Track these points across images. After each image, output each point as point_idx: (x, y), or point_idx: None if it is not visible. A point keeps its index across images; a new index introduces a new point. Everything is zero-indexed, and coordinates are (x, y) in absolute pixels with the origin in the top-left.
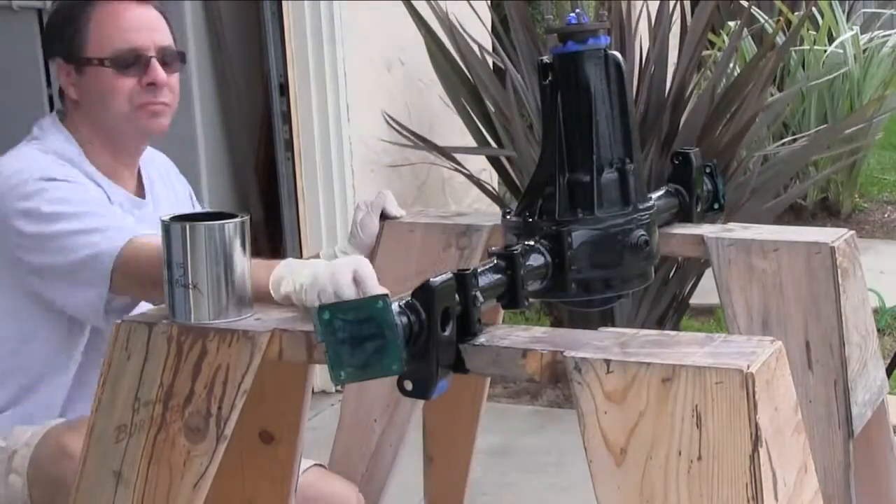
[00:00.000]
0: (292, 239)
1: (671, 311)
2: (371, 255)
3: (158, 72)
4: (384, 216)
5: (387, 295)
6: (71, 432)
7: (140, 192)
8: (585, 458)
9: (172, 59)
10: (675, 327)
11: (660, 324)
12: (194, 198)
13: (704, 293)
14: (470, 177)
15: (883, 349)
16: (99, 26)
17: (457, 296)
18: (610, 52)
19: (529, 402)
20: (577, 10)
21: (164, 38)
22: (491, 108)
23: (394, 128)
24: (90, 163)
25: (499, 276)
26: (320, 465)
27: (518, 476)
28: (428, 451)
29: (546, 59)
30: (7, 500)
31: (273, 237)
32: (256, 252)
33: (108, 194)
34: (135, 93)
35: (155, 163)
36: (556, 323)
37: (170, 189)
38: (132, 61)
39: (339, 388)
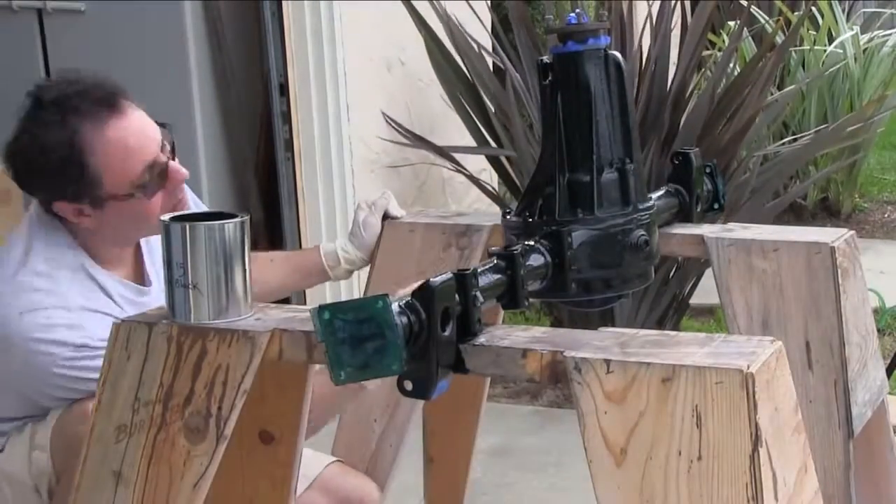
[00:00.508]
0: (292, 239)
1: (671, 311)
2: (372, 255)
3: (179, 171)
4: (385, 216)
5: (387, 295)
6: (92, 399)
7: (139, 273)
8: (585, 458)
9: (170, 142)
10: (675, 327)
11: (660, 324)
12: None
13: (704, 293)
14: (470, 177)
15: (883, 349)
16: (108, 157)
17: (457, 296)
18: (610, 52)
19: (529, 402)
20: (578, 10)
21: (155, 128)
22: (491, 107)
23: (394, 127)
24: (89, 258)
25: (499, 276)
26: (340, 461)
27: (518, 476)
28: (428, 451)
29: (546, 59)
30: (33, 478)
31: (273, 237)
32: (256, 252)
33: (109, 293)
34: (164, 202)
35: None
36: (556, 323)
37: None
38: (156, 179)
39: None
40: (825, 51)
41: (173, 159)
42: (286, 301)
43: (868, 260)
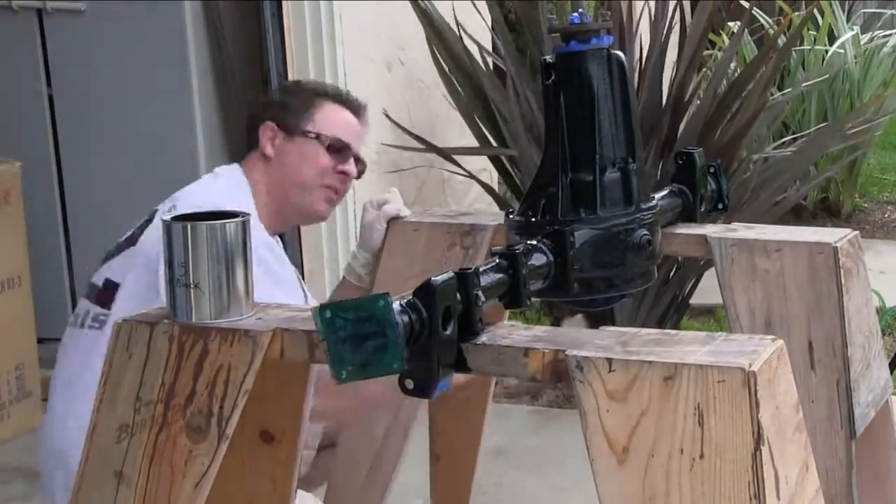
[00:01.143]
0: (292, 239)
1: (671, 311)
2: (376, 255)
3: (353, 166)
4: (391, 216)
5: (388, 294)
6: None
7: None
8: (587, 457)
9: (361, 167)
10: (676, 327)
11: (660, 324)
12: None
13: (704, 293)
14: (471, 177)
15: (884, 349)
16: (327, 115)
17: (458, 295)
18: (613, 51)
19: (529, 402)
20: (580, 10)
21: (359, 148)
22: (492, 107)
23: (396, 124)
24: (256, 212)
25: (501, 275)
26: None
27: (518, 476)
28: (434, 449)
29: (549, 58)
30: None
31: None
32: None
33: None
34: (327, 172)
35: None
36: (556, 323)
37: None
38: (340, 149)
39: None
40: (826, 51)
41: (356, 177)
42: None
43: (868, 260)
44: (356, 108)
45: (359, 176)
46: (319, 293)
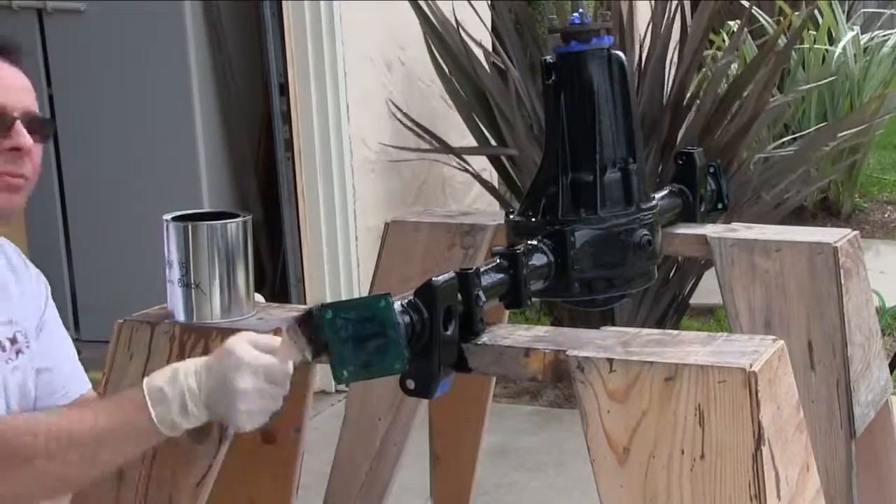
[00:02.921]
0: (292, 239)
1: (671, 311)
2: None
3: (24, 136)
4: None
5: (389, 294)
6: None
7: None
8: (588, 457)
9: (39, 127)
10: (676, 327)
11: (660, 324)
12: (50, 297)
13: (704, 293)
14: (476, 177)
15: (884, 349)
16: None
17: (459, 295)
18: (613, 51)
19: (529, 402)
20: (580, 10)
21: (32, 103)
22: (492, 106)
23: (401, 121)
24: None
25: (501, 275)
26: None
27: (518, 476)
28: (434, 449)
29: (549, 58)
30: None
31: (273, 237)
32: (256, 252)
33: None
34: None
35: (6, 254)
36: (556, 323)
37: (20, 290)
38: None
39: (346, 386)
40: (826, 51)
41: (40, 142)
42: (287, 301)
43: (868, 260)
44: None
45: (44, 139)
46: (319, 298)
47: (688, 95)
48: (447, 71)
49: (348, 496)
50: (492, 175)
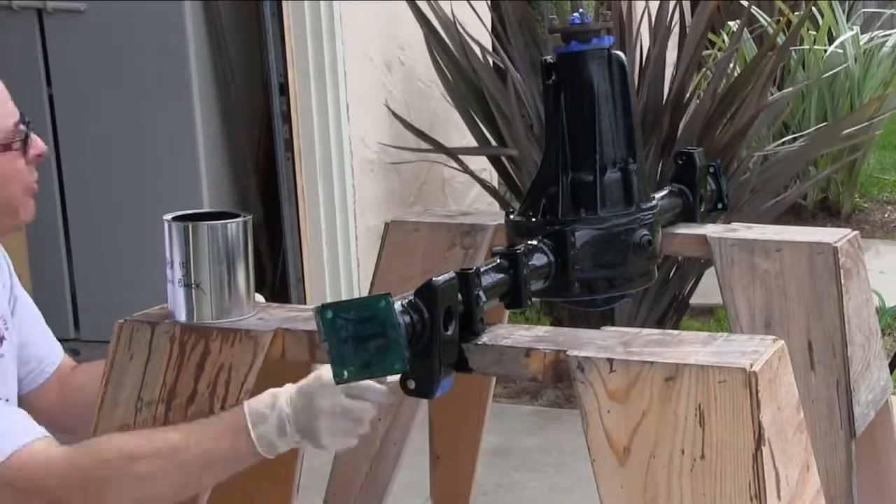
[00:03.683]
0: (292, 239)
1: (671, 311)
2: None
3: (39, 141)
4: None
5: (389, 294)
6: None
7: None
8: (587, 457)
9: (31, 127)
10: (675, 327)
11: (659, 324)
12: (13, 304)
13: (704, 293)
14: (475, 177)
15: (884, 349)
16: None
17: (459, 295)
18: (613, 51)
19: (529, 402)
20: (581, 10)
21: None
22: (492, 106)
23: (399, 118)
24: None
25: (502, 275)
26: None
27: (518, 476)
28: (434, 449)
29: (549, 58)
30: None
31: (273, 237)
32: (256, 251)
33: None
34: (26, 173)
35: None
36: (556, 323)
37: None
38: (23, 137)
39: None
40: (825, 51)
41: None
42: (287, 300)
43: (868, 260)
44: None
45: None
46: (319, 298)
47: (687, 95)
48: (447, 71)
49: (348, 496)
50: (492, 175)
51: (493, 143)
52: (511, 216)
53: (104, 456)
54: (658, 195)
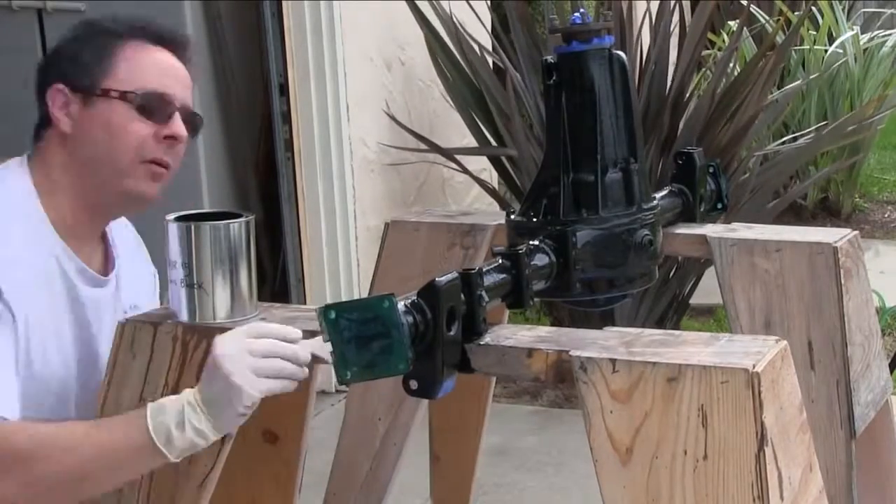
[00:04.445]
0: (292, 239)
1: (671, 311)
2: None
3: (181, 125)
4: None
5: (392, 294)
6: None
7: (104, 267)
8: (588, 457)
9: (193, 123)
10: (675, 327)
11: (660, 324)
12: (157, 284)
13: (704, 293)
14: (475, 178)
15: (884, 349)
16: (129, 60)
17: (462, 295)
18: (614, 51)
19: (529, 402)
20: (581, 10)
21: (190, 98)
22: (492, 106)
23: (397, 122)
24: (48, 218)
25: (504, 275)
26: None
27: (518, 476)
28: (434, 450)
29: (550, 59)
30: None
31: (273, 237)
32: (256, 252)
33: (60, 264)
34: (147, 143)
35: (123, 235)
36: (557, 323)
37: (135, 272)
38: (158, 106)
39: (346, 386)
40: (825, 51)
41: (192, 135)
42: (287, 301)
43: (868, 260)
44: (172, 43)
45: (194, 134)
46: (319, 298)
47: (687, 95)
48: (447, 71)
49: (348, 496)
50: (491, 175)
51: (493, 143)
52: (512, 216)
53: (17, 437)
54: (658, 195)
